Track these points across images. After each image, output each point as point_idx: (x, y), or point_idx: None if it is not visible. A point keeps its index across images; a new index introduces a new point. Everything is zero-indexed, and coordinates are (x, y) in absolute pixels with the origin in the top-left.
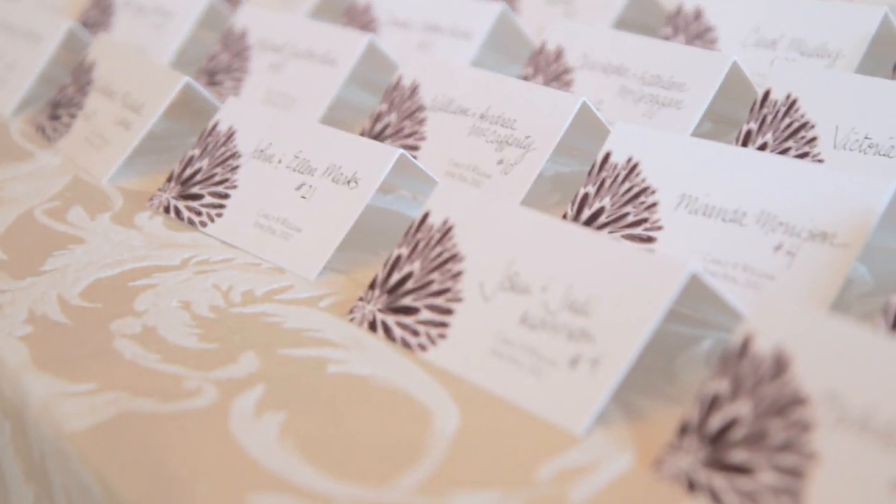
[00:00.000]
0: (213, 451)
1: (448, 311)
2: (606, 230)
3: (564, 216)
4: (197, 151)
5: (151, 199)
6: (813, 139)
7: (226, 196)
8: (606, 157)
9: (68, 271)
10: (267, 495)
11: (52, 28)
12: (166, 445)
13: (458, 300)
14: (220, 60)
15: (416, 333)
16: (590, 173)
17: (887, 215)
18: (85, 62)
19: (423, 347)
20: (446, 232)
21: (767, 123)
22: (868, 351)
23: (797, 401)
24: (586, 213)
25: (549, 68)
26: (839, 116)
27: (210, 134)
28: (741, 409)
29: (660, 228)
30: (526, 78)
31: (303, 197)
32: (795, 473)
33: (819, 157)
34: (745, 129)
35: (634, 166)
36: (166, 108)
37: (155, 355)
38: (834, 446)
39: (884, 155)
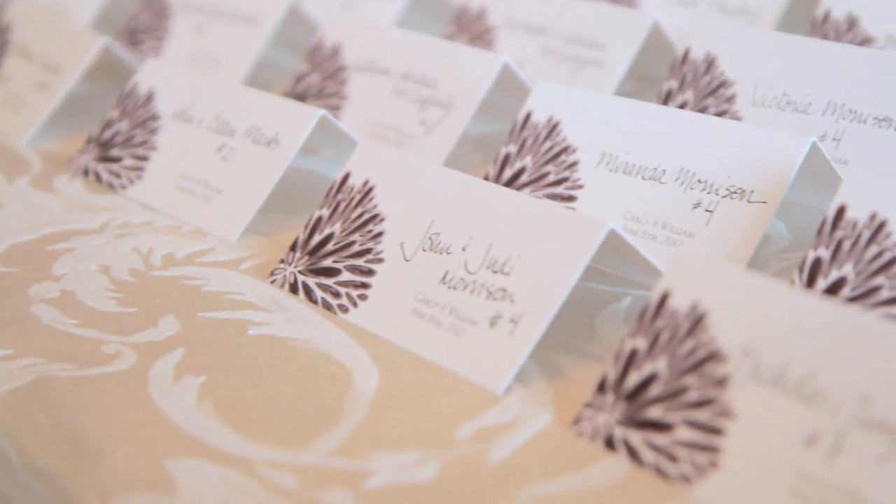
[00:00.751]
0: (133, 416)
1: (369, 272)
2: (528, 189)
3: (486, 176)
4: (116, 113)
5: (70, 161)
6: (732, 97)
7: (146, 158)
8: (528, 116)
9: None
10: (187, 459)
11: None
12: (85, 411)
13: (379, 261)
14: (141, 20)
15: (337, 295)
16: (511, 133)
17: (804, 172)
18: (1, 23)
19: (343, 309)
20: (367, 192)
21: (688, 81)
22: (784, 307)
23: (713, 357)
24: (508, 173)
25: (471, 27)
26: (758, 74)
27: (129, 95)
28: (658, 365)
29: (581, 187)
30: (449, 37)
31: (223, 158)
32: (711, 429)
33: (738, 115)
34: (665, 87)
35: (555, 125)
36: (85, 69)
37: (73, 320)
38: (749, 402)
39: (801, 112)
